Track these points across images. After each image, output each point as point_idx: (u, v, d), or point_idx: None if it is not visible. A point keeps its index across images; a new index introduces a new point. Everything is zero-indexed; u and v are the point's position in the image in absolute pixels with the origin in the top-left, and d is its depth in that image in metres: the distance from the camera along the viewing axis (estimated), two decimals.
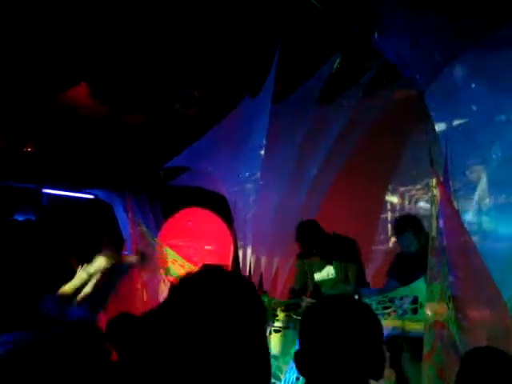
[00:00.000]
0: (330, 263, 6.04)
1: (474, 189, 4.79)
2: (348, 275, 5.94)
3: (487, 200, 4.75)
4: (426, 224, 5.23)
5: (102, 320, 4.99)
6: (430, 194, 4.72)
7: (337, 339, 1.73)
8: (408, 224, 5.39)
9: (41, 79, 6.99)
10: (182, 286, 1.34)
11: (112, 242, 7.51)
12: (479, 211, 4.77)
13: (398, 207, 7.57)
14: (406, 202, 7.48)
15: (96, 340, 1.90)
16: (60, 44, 6.52)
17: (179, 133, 8.04)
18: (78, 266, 6.81)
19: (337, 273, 6.02)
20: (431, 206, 4.09)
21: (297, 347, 1.84)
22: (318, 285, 6.13)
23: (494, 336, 3.70)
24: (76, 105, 7.76)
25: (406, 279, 4.97)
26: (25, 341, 2.34)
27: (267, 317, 1.49)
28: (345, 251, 6.00)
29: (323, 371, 1.73)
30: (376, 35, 4.55)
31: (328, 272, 6.08)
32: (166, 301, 1.33)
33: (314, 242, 6.04)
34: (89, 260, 7.78)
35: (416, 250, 5.20)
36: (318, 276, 6.14)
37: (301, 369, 1.78)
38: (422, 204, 6.97)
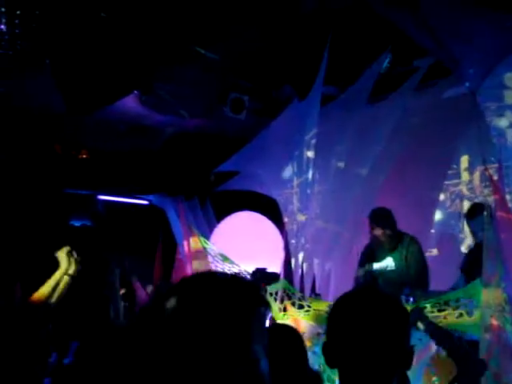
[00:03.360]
0: (391, 254, 6.07)
1: None
2: (409, 272, 5.94)
3: None
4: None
5: None
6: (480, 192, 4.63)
7: (363, 331, 1.76)
8: (481, 209, 5.21)
9: (94, 88, 7.15)
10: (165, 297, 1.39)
11: (166, 247, 7.64)
12: None
13: (448, 205, 7.45)
14: (456, 201, 7.36)
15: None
16: (111, 54, 6.65)
17: (229, 137, 8.11)
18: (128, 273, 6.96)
19: (396, 265, 6.04)
20: (484, 207, 4.02)
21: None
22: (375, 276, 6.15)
23: None
24: (129, 112, 7.91)
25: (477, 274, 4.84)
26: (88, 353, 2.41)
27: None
28: (409, 247, 6.04)
29: (351, 362, 1.77)
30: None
31: (387, 263, 6.10)
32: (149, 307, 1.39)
33: (388, 223, 6.09)
34: (141, 265, 7.93)
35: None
36: (376, 266, 6.16)
37: (329, 360, 1.82)
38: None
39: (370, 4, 5.35)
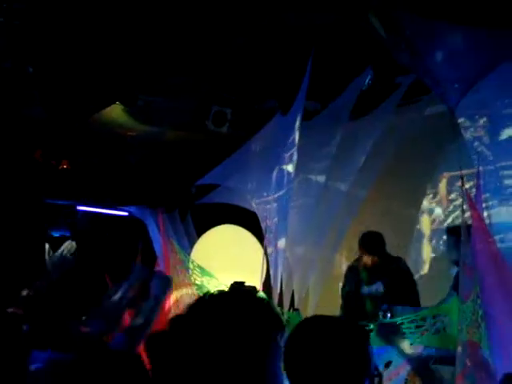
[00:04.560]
0: (381, 278, 6.12)
1: (508, 204, 4.73)
2: (398, 295, 5.98)
3: None
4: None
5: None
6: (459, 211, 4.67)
7: (320, 358, 1.73)
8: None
9: (76, 97, 7.13)
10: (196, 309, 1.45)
11: (145, 259, 7.60)
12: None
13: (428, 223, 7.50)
14: (437, 218, 7.41)
15: (135, 370, 1.92)
16: (96, 63, 6.64)
17: (211, 150, 8.10)
18: (111, 283, 6.89)
19: (385, 289, 6.09)
20: (462, 223, 4.05)
21: None
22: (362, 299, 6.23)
23: None
24: (111, 123, 7.88)
25: None
26: (58, 361, 2.39)
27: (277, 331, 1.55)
28: (398, 270, 6.10)
29: None
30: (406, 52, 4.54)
31: (377, 287, 6.15)
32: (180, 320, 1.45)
33: (378, 250, 6.22)
34: (122, 277, 7.86)
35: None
36: (365, 290, 6.21)
37: None
38: (450, 220, 6.91)
39: (354, 21, 5.40)
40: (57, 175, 8.68)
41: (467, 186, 3.93)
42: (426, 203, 7.53)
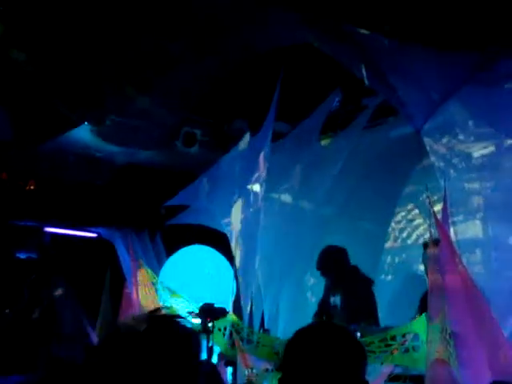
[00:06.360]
0: (340, 291, 6.18)
1: (473, 224, 4.80)
2: (355, 309, 6.01)
3: (486, 235, 4.75)
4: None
5: None
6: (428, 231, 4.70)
7: (319, 365, 1.76)
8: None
9: (42, 118, 7.07)
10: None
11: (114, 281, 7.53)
12: (478, 246, 4.78)
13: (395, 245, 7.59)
14: (404, 240, 7.50)
15: None
16: (60, 82, 6.61)
17: (180, 170, 8.10)
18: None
19: (342, 303, 6.13)
20: (429, 241, 4.10)
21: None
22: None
23: (496, 372, 3.66)
24: (78, 143, 7.83)
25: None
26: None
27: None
28: (353, 286, 6.12)
29: None
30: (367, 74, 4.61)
31: (336, 300, 6.22)
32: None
33: (325, 268, 6.24)
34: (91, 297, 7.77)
35: None
36: (331, 300, 6.27)
37: None
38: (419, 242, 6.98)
39: (316, 45, 5.47)
40: (24, 196, 8.57)
41: (433, 202, 3.99)
42: (393, 221, 7.63)
